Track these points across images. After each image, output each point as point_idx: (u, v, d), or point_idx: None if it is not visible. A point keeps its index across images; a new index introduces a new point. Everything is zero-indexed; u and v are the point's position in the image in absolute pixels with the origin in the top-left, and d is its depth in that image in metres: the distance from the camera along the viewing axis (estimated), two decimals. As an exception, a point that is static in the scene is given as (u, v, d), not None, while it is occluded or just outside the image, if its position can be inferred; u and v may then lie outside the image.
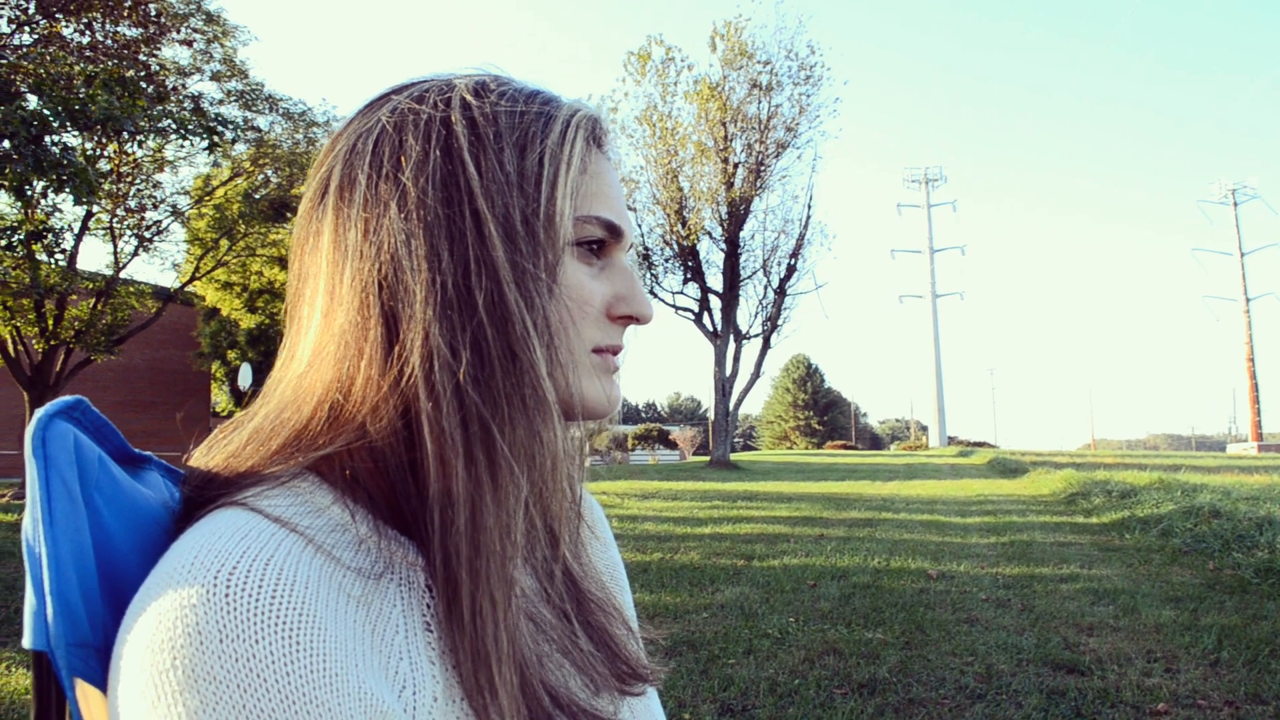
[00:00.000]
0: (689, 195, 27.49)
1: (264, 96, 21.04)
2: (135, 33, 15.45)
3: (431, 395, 0.61)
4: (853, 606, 5.95)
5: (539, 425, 0.64)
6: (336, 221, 0.67)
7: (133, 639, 0.51)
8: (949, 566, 7.71)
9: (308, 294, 0.69)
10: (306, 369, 0.67)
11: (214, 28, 18.87)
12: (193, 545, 0.55)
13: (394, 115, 0.68)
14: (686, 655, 4.68)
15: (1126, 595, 6.34)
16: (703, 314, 28.57)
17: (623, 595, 0.92)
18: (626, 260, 0.75)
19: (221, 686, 0.48)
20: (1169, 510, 10.58)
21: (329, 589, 0.55)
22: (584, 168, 0.70)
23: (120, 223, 20.10)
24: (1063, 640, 5.06)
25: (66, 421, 0.61)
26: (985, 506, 13.83)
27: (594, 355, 0.71)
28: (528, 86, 0.72)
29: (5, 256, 13.64)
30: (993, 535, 10.02)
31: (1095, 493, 14.01)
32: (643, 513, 12.08)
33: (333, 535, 0.60)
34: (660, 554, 8.23)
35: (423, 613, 0.62)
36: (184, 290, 23.78)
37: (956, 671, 4.44)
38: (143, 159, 18.76)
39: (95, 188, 8.96)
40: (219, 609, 0.50)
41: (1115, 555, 8.48)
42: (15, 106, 7.77)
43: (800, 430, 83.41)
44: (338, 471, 0.65)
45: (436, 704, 0.59)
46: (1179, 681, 4.28)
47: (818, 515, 12.15)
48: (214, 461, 0.68)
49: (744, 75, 26.83)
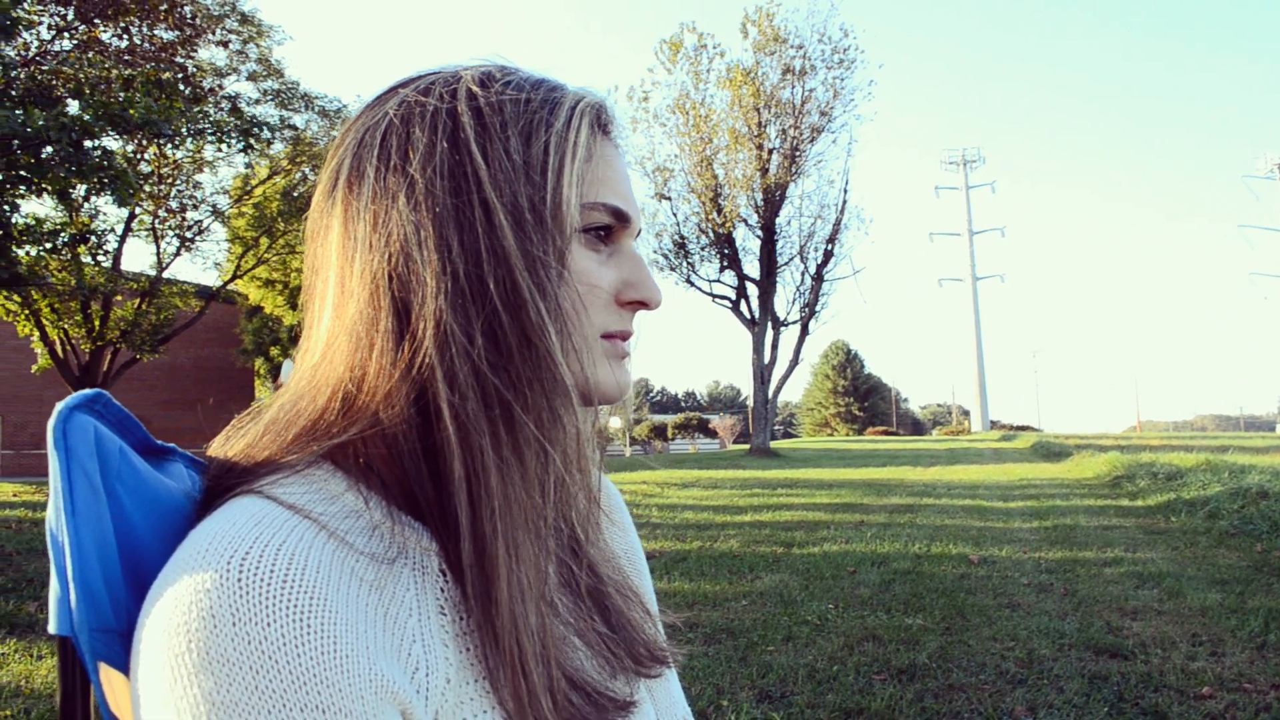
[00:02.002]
0: (724, 182, 27.37)
1: (299, 95, 21.22)
2: (172, 35, 15.66)
3: (450, 381, 0.62)
4: (893, 593, 5.93)
5: (560, 408, 0.65)
6: (346, 214, 0.67)
7: (151, 623, 0.52)
8: (991, 551, 7.65)
9: (319, 286, 0.70)
10: (320, 360, 0.68)
11: (249, 28, 19.05)
12: (208, 532, 0.56)
13: (401, 108, 0.68)
14: (725, 643, 4.68)
15: (1171, 578, 6.26)
16: (740, 301, 28.46)
17: (641, 579, 0.93)
18: (635, 246, 0.76)
19: (235, 668, 0.50)
20: (1216, 492, 10.42)
21: (341, 573, 0.56)
22: (590, 154, 0.70)
23: (162, 224, 20.40)
24: (1106, 624, 5.01)
25: (87, 414, 0.62)
26: (1028, 491, 13.69)
27: (604, 341, 0.71)
28: (533, 75, 0.72)
29: (51, 259, 13.88)
30: (1035, 519, 9.92)
31: (1140, 475, 13.82)
32: (683, 501, 12.09)
33: (346, 521, 0.61)
34: (700, 542, 8.24)
35: (436, 596, 0.62)
36: (226, 288, 24.07)
37: (997, 657, 4.41)
38: (182, 160, 19.00)
39: (136, 190, 9.09)
40: (232, 593, 0.51)
41: (1160, 538, 8.37)
42: (57, 112, 7.90)
43: (840, 417, 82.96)
44: (352, 459, 0.66)
45: (449, 685, 0.60)
46: (1224, 665, 4.22)
47: (858, 502, 12.10)
48: (233, 451, 0.69)
49: (777, 60, 26.66)
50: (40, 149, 7.87)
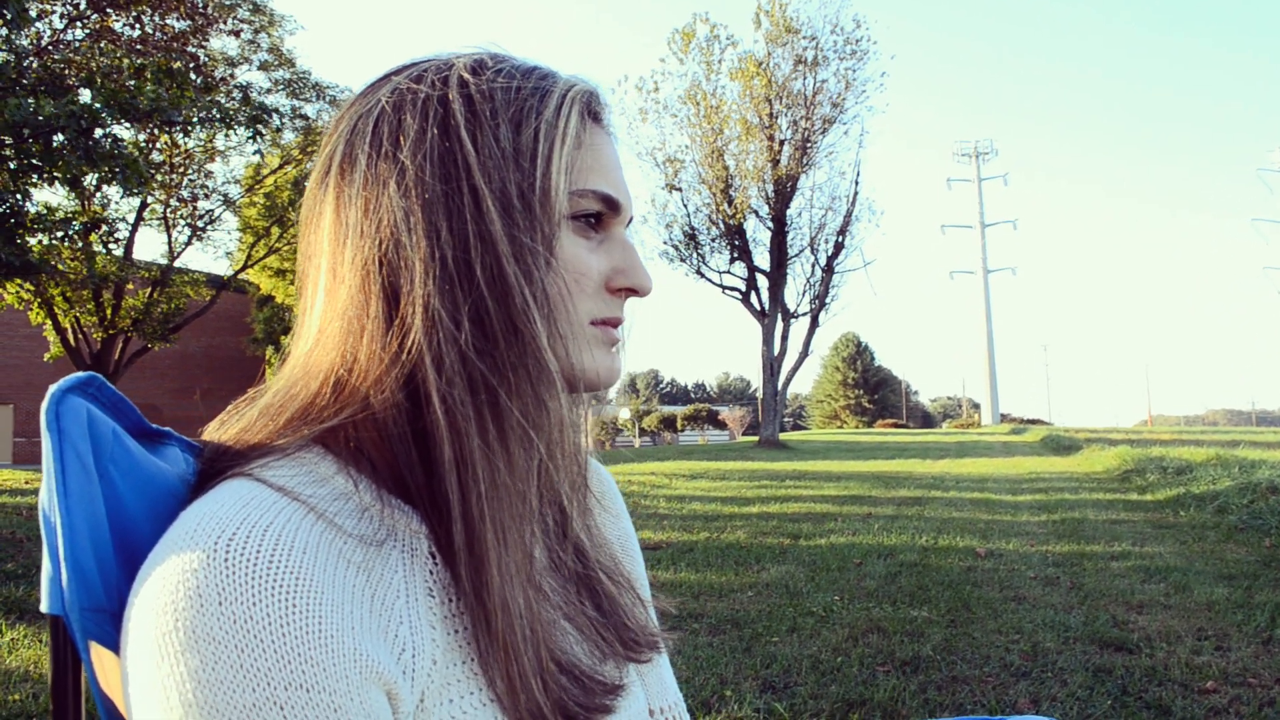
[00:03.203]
0: (735, 174, 27.28)
1: (311, 84, 21.27)
2: (184, 25, 15.69)
3: (437, 366, 0.62)
4: (899, 585, 5.93)
5: (545, 395, 0.65)
6: (338, 201, 0.68)
7: (140, 602, 0.53)
8: (998, 544, 7.64)
9: (312, 273, 0.71)
10: (313, 346, 0.69)
11: (260, 18, 19.11)
12: (197, 513, 0.57)
13: (393, 95, 0.69)
14: (730, 633, 4.69)
15: (1178, 573, 6.25)
16: (750, 293, 28.39)
17: (635, 566, 0.93)
18: (626, 233, 0.76)
19: (220, 647, 0.50)
20: (1225, 486, 10.39)
21: (328, 555, 0.57)
22: (579, 142, 0.70)
23: (174, 213, 20.49)
24: (1111, 618, 5.00)
25: (80, 397, 0.63)
26: (1037, 484, 13.66)
27: (593, 327, 0.72)
28: (526, 63, 0.73)
29: (63, 248, 13.94)
30: (1044, 513, 9.90)
31: (1150, 469, 13.77)
32: (690, 492, 12.09)
33: (335, 504, 0.61)
34: (707, 533, 8.25)
35: (425, 579, 0.63)
36: (237, 278, 24.15)
37: (1001, 649, 4.41)
38: (194, 150, 19.06)
39: (146, 179, 9.12)
40: (218, 573, 0.52)
41: (1168, 532, 8.35)
42: (67, 100, 7.94)
43: (850, 409, 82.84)
44: (343, 443, 0.67)
45: (436, 667, 0.61)
46: (1229, 660, 4.21)
47: (866, 494, 12.09)
48: (227, 435, 0.70)
49: (789, 51, 26.53)
50: (51, 137, 7.91)
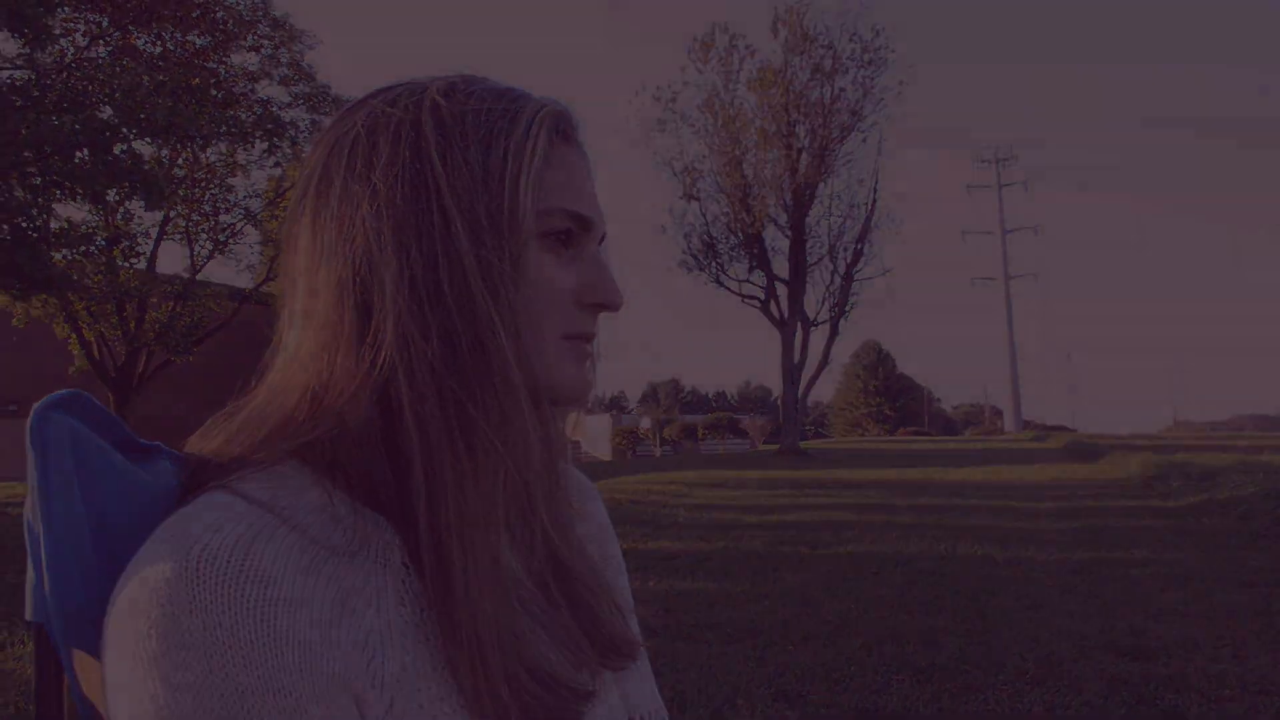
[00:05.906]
0: (752, 182, 27.26)
1: (330, 99, 21.39)
2: (204, 41, 15.85)
3: (409, 381, 0.65)
4: (915, 593, 5.91)
5: (510, 409, 0.67)
6: (315, 221, 0.70)
7: (117, 609, 0.56)
8: (1017, 552, 7.60)
9: (291, 290, 0.73)
10: (291, 361, 0.71)
11: (280, 33, 19.25)
12: (173, 524, 0.59)
13: (368, 118, 0.71)
14: (744, 641, 4.70)
15: (1199, 580, 6.20)
16: (769, 301, 28.32)
17: (617, 577, 0.95)
18: (600, 249, 0.78)
19: (191, 653, 0.53)
20: (1250, 493, 10.29)
21: (299, 564, 0.59)
22: (548, 161, 0.72)
23: (195, 227, 20.66)
24: (1129, 626, 4.97)
25: (64, 413, 0.66)
26: (1059, 491, 13.57)
27: (565, 342, 0.74)
28: (499, 85, 0.75)
29: (86, 262, 14.11)
30: (1065, 520, 9.84)
31: (1174, 476, 13.65)
32: (710, 501, 12.08)
33: (310, 515, 0.63)
34: (724, 542, 8.25)
35: (397, 588, 0.65)
36: (259, 290, 24.30)
37: (1016, 657, 4.40)
38: (215, 164, 19.24)
39: (166, 193, 9.23)
40: (190, 582, 0.54)
41: (1190, 539, 8.28)
42: (86, 116, 8.05)
43: (872, 417, 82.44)
44: (319, 456, 0.69)
45: (406, 673, 0.62)
46: (1247, 668, 4.18)
47: (886, 502, 12.04)
48: (209, 448, 0.72)
49: (806, 60, 26.51)
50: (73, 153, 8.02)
